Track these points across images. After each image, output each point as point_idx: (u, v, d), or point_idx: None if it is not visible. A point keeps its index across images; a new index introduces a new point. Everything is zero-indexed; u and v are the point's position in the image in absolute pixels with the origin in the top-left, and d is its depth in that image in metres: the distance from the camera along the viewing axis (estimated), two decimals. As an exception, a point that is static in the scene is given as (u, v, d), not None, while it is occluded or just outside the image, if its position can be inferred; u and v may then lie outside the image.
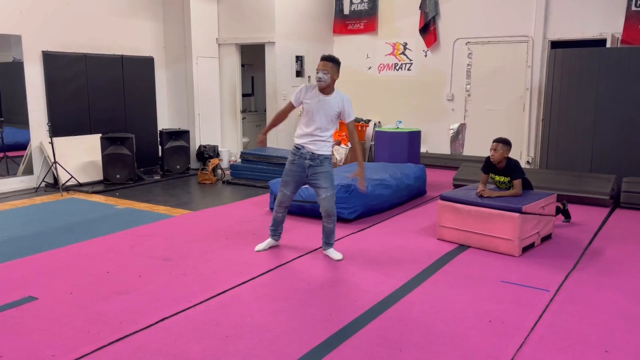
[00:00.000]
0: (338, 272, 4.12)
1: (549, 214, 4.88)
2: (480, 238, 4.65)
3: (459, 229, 4.76)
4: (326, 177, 4.26)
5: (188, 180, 8.11)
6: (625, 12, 7.61)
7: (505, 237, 4.49)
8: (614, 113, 6.72)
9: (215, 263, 4.29)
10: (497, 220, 4.53)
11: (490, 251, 4.59)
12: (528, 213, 4.51)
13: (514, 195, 4.71)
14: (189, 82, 8.86)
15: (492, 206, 4.58)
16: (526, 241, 4.56)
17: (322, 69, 4.13)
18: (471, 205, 4.70)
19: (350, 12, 9.97)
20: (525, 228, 4.51)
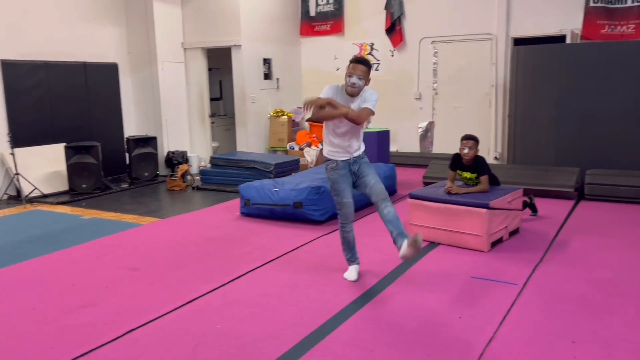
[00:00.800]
0: (310, 275, 4.10)
1: (515, 208, 4.96)
2: (450, 235, 4.69)
3: (429, 227, 4.78)
4: (370, 165, 3.83)
5: (157, 187, 7.99)
6: (584, 8, 7.80)
7: (473, 232, 4.54)
8: (576, 107, 6.87)
9: (184, 271, 4.22)
10: (466, 217, 4.57)
11: (460, 247, 4.62)
12: (495, 208, 4.56)
13: (482, 191, 4.75)
14: (155, 88, 8.73)
15: (460, 203, 4.61)
16: (494, 236, 4.62)
17: (357, 73, 3.63)
18: (440, 202, 4.73)
19: (316, 13, 9.98)
20: (493, 223, 4.56)
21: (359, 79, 3.64)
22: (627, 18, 7.56)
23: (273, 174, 7.32)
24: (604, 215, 5.71)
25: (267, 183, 5.86)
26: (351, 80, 3.65)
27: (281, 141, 9.41)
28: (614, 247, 4.62)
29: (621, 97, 6.63)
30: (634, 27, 7.53)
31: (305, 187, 5.51)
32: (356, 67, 3.64)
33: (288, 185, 5.71)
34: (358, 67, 3.64)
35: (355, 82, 3.64)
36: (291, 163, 7.87)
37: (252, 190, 5.81)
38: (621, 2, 7.59)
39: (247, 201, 5.79)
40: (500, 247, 4.66)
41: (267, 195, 5.66)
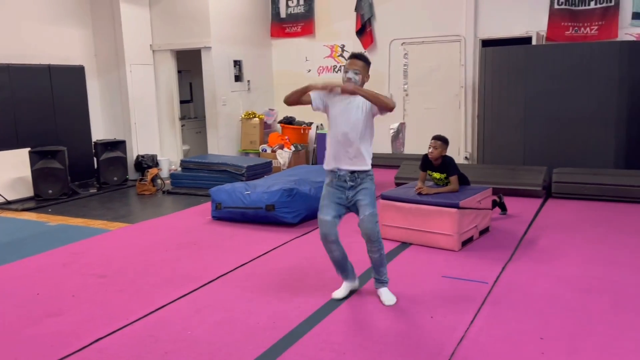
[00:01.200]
0: (281, 278, 4.07)
1: (485, 207, 5.03)
2: (421, 235, 4.72)
3: (401, 227, 4.81)
4: (366, 193, 3.47)
5: (126, 192, 7.84)
6: (549, 10, 7.97)
7: (444, 232, 4.58)
8: (542, 107, 7.01)
9: (154, 277, 4.15)
10: (436, 217, 4.61)
11: (432, 247, 4.66)
12: (465, 208, 4.61)
13: (452, 191, 4.80)
14: (123, 91, 8.58)
15: (431, 203, 4.66)
16: (465, 235, 4.67)
17: (353, 68, 3.44)
18: (411, 203, 4.76)
19: (287, 15, 9.95)
20: (464, 223, 4.60)
21: (355, 74, 3.44)
22: (590, 20, 7.76)
23: (245, 176, 7.27)
24: (571, 212, 5.83)
25: (239, 186, 5.80)
26: (347, 76, 3.46)
27: (253, 143, 9.35)
28: (581, 243, 4.72)
29: (586, 98, 6.79)
30: (596, 29, 7.73)
31: (277, 190, 5.48)
32: (353, 62, 3.48)
33: (260, 187, 5.66)
34: (355, 62, 3.48)
35: (351, 77, 3.44)
36: (263, 165, 7.82)
37: (223, 193, 5.75)
38: (584, 4, 7.78)
39: (219, 205, 5.73)
40: (471, 246, 4.71)
41: (239, 198, 5.61)
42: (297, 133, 9.55)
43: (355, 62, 3.48)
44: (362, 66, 3.48)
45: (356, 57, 3.52)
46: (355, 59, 3.51)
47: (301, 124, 9.68)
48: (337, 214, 3.54)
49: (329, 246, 3.58)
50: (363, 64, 3.49)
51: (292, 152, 9.10)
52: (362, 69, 3.47)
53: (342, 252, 3.63)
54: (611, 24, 7.62)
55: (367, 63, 3.53)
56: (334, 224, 3.53)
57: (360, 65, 3.48)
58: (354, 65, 3.47)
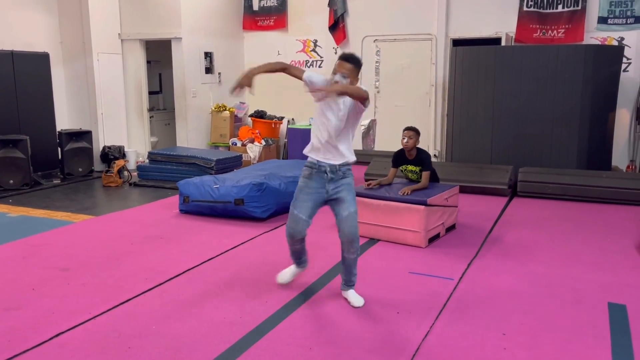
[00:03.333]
0: (250, 273, 4.05)
1: (452, 205, 5.10)
2: (389, 231, 4.76)
3: (369, 223, 4.81)
4: (348, 189, 3.38)
5: (92, 183, 7.66)
6: (518, 12, 8.12)
7: (411, 229, 4.63)
8: (510, 107, 7.14)
9: (118, 271, 4.07)
10: (404, 213, 4.65)
11: (399, 243, 4.70)
12: (433, 205, 4.67)
13: (422, 188, 4.87)
14: (90, 80, 8.36)
15: (399, 200, 4.69)
16: (432, 232, 4.73)
17: (341, 71, 3.26)
18: (379, 199, 4.79)
19: (259, 8, 9.87)
20: (431, 220, 4.66)
21: (342, 77, 3.25)
22: (558, 23, 7.93)
23: (214, 170, 7.19)
24: (535, 211, 5.97)
25: (208, 179, 5.74)
26: (334, 79, 3.27)
27: (223, 137, 9.25)
28: (544, 241, 4.84)
29: (551, 100, 6.95)
30: (563, 32, 7.91)
31: (247, 184, 5.43)
32: (342, 65, 3.28)
33: (229, 181, 5.61)
34: (343, 64, 3.28)
35: (337, 80, 3.25)
36: (233, 159, 7.75)
37: (191, 186, 5.67)
38: (552, 8, 7.95)
39: (186, 198, 5.65)
40: (438, 243, 4.78)
41: (208, 192, 5.54)
42: (268, 127, 9.50)
43: (343, 65, 3.28)
44: (351, 69, 3.28)
45: (345, 60, 3.30)
46: (345, 61, 3.29)
47: (272, 118, 9.63)
48: (312, 215, 3.45)
49: (294, 242, 3.53)
50: (352, 67, 3.28)
51: (263, 147, 9.05)
52: (350, 72, 3.27)
53: (304, 246, 3.62)
54: (577, 28, 7.81)
55: (358, 66, 3.32)
56: (306, 224, 3.45)
57: (349, 68, 3.27)
58: (342, 68, 3.28)
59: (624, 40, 7.64)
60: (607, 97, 7.12)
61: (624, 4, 7.57)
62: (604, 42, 7.71)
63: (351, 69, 3.28)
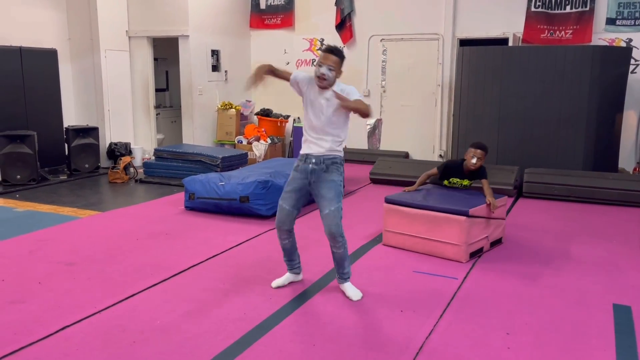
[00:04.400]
0: (254, 270, 4.06)
1: (499, 217, 4.62)
2: (427, 243, 4.35)
3: (405, 234, 4.45)
4: (330, 186, 3.40)
5: (98, 179, 7.70)
6: (526, 13, 8.09)
7: (451, 242, 4.21)
8: (516, 108, 7.12)
9: (123, 266, 4.09)
10: (444, 224, 4.23)
11: (438, 257, 4.29)
12: (475, 216, 4.23)
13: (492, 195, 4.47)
14: (97, 77, 8.40)
15: (438, 209, 4.28)
16: (474, 246, 4.29)
17: (328, 64, 3.32)
18: (417, 208, 4.39)
19: (266, 6, 9.88)
20: (473, 232, 4.22)
21: (329, 70, 3.32)
22: (566, 24, 7.90)
23: (219, 167, 7.21)
24: (540, 212, 5.95)
25: (213, 177, 5.75)
26: (320, 71, 3.32)
27: (229, 135, 9.27)
28: (550, 242, 4.83)
29: (558, 101, 6.92)
30: (571, 33, 7.88)
31: (252, 181, 5.45)
32: (327, 57, 3.34)
33: (234, 179, 5.62)
34: (329, 57, 3.33)
35: (324, 72, 3.31)
36: (239, 157, 7.77)
37: (197, 183, 5.69)
38: (560, 8, 7.92)
39: (192, 195, 5.67)
40: (442, 242, 4.74)
41: (213, 189, 5.56)
42: (273, 125, 9.51)
43: (329, 57, 3.35)
44: (336, 62, 3.36)
45: (331, 52, 3.37)
46: (330, 53, 3.36)
47: (278, 116, 9.64)
48: (297, 205, 3.54)
49: (281, 234, 3.60)
50: (337, 60, 3.36)
51: (269, 145, 9.07)
52: (335, 65, 3.35)
53: (293, 243, 3.67)
54: (585, 29, 7.78)
55: (342, 58, 3.40)
56: (291, 214, 3.53)
57: (334, 60, 3.35)
58: (328, 60, 3.34)
59: (632, 42, 7.60)
60: (614, 98, 7.09)
61: (632, 5, 7.53)
62: (612, 43, 7.68)
63: (336, 61, 3.36)
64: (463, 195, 4.59)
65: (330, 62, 3.34)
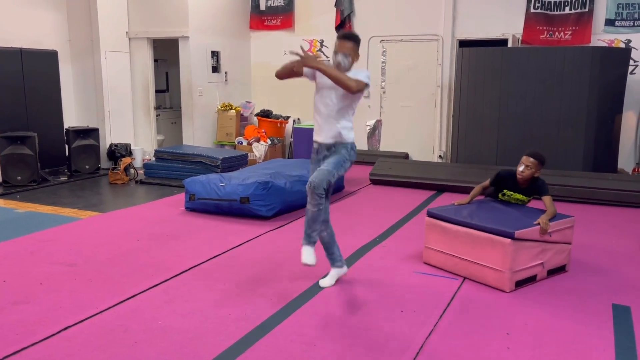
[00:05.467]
0: (255, 270, 4.07)
1: (561, 241, 3.96)
2: (469, 266, 3.89)
3: (445, 253, 4.04)
4: (335, 157, 3.40)
5: (98, 180, 7.71)
6: (525, 14, 8.11)
7: (493, 266, 3.72)
8: (516, 108, 7.14)
9: (124, 267, 4.10)
10: (486, 246, 3.74)
11: (480, 283, 3.82)
12: (523, 239, 3.69)
13: (553, 215, 3.92)
14: (98, 78, 8.41)
15: (482, 228, 3.79)
16: (522, 274, 3.74)
17: (343, 51, 3.34)
18: (459, 225, 3.94)
19: (266, 7, 9.90)
20: (521, 257, 3.69)
21: (345, 57, 3.34)
22: (565, 25, 7.92)
23: (220, 168, 7.22)
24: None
25: (214, 178, 5.77)
26: (337, 58, 3.35)
27: (229, 136, 9.29)
28: (548, 243, 4.83)
29: (558, 101, 6.94)
30: (570, 34, 7.90)
31: (252, 182, 5.46)
32: (342, 44, 3.36)
33: (235, 180, 5.64)
34: (344, 43, 3.36)
35: (340, 60, 3.34)
36: (239, 158, 7.78)
37: (197, 184, 5.71)
38: (559, 10, 7.94)
39: (192, 196, 5.68)
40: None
41: (214, 190, 5.57)
42: (273, 126, 9.52)
43: (344, 44, 3.36)
44: (352, 47, 3.38)
45: (346, 38, 3.39)
46: (345, 39, 3.38)
47: (278, 117, 9.65)
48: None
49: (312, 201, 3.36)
50: (352, 45, 3.38)
51: (269, 146, 9.08)
52: (351, 51, 3.37)
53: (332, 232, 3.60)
54: (585, 30, 7.80)
55: (357, 42, 3.41)
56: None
57: (350, 46, 3.37)
58: (343, 47, 3.36)
59: (631, 43, 7.63)
60: (613, 99, 7.11)
61: (631, 6, 7.55)
62: (611, 44, 7.70)
63: (352, 46, 3.38)
64: (517, 213, 4.02)
65: (345, 49, 3.36)
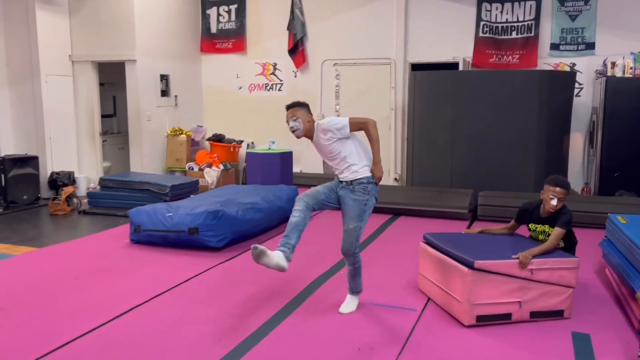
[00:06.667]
0: (203, 307, 3.80)
1: (551, 282, 3.54)
2: (440, 294, 3.74)
3: (431, 280, 3.88)
4: (354, 205, 3.55)
5: (38, 212, 7.25)
6: (474, 38, 8.25)
7: (456, 296, 3.53)
8: (468, 131, 7.17)
9: (59, 309, 3.76)
10: (452, 273, 3.57)
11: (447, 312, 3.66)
12: (485, 271, 3.40)
13: (547, 251, 3.59)
14: (38, 103, 7.98)
15: (450, 254, 3.63)
16: (486, 309, 3.44)
17: (292, 117, 3.60)
18: (438, 250, 3.80)
19: (217, 30, 9.72)
20: (484, 290, 3.41)
21: (295, 122, 3.60)
22: (512, 49, 8.09)
23: (169, 196, 6.91)
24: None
25: (160, 207, 5.47)
26: (289, 126, 3.62)
27: (179, 161, 8.97)
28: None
29: (508, 123, 7.02)
30: (518, 58, 8.06)
31: (201, 212, 5.20)
32: (290, 112, 3.63)
33: (183, 209, 5.36)
34: (291, 111, 3.63)
35: (293, 125, 3.60)
36: (189, 184, 7.50)
37: (143, 215, 5.39)
38: (506, 34, 8.12)
39: (137, 227, 5.36)
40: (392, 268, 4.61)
41: (160, 220, 5.27)
42: (226, 151, 9.28)
43: (292, 112, 3.62)
44: (299, 111, 3.62)
45: (290, 107, 3.66)
46: (290, 108, 3.65)
47: (231, 141, 9.42)
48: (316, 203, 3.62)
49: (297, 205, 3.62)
50: (299, 108, 3.63)
51: (221, 171, 8.82)
52: (300, 114, 3.61)
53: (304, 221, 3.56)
54: (531, 54, 7.98)
55: (304, 106, 3.67)
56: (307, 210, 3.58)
57: (298, 111, 3.61)
58: (291, 114, 3.62)
59: (575, 66, 7.85)
60: (561, 121, 7.26)
61: (574, 31, 7.79)
62: (557, 67, 7.90)
63: (296, 110, 3.62)
64: (510, 243, 3.77)
65: (292, 114, 3.62)
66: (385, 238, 5.77)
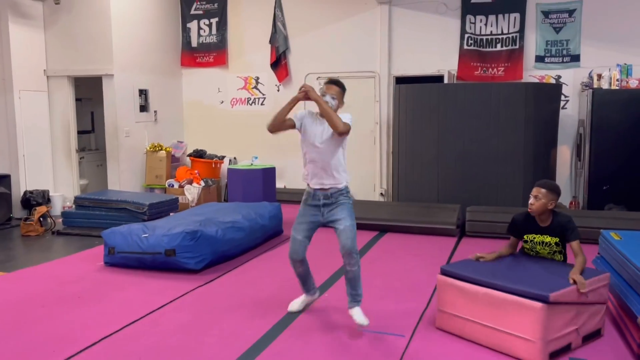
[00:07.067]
0: (178, 338, 3.56)
1: (596, 301, 3.38)
2: (491, 333, 3.32)
3: (464, 318, 3.47)
4: (343, 207, 3.66)
5: (9, 233, 6.93)
6: (459, 50, 8.16)
7: (522, 335, 3.16)
8: (454, 145, 7.03)
9: (23, 340, 3.49)
10: (512, 311, 3.19)
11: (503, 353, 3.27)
12: (559, 303, 3.13)
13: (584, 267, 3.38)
14: (10, 119, 7.69)
15: (508, 289, 3.24)
16: (556, 343, 3.17)
17: (331, 93, 3.67)
18: (480, 285, 3.38)
19: (198, 44, 9.53)
20: (555, 324, 3.14)
21: (332, 99, 3.65)
22: (497, 61, 8.01)
23: (147, 215, 6.64)
24: (485, 251, 5.75)
25: (136, 228, 5.21)
26: (325, 99, 3.61)
27: (159, 178, 8.70)
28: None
29: (495, 137, 6.88)
30: (503, 70, 7.98)
31: (179, 232, 4.95)
32: (330, 87, 3.69)
33: (160, 229, 5.11)
34: (332, 87, 3.69)
35: (328, 100, 3.61)
36: (169, 202, 7.23)
37: (117, 236, 5.14)
38: (491, 46, 8.04)
39: (112, 249, 5.10)
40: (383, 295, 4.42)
41: (135, 241, 5.02)
42: (208, 167, 9.03)
43: (331, 87, 3.69)
44: (338, 92, 3.71)
45: (333, 83, 3.73)
46: (333, 84, 3.72)
47: (212, 157, 9.18)
48: (308, 235, 3.73)
49: (294, 264, 3.76)
50: (339, 90, 3.71)
51: (202, 188, 8.57)
52: (338, 95, 3.70)
53: (307, 270, 3.81)
54: (516, 66, 7.90)
55: (343, 89, 3.75)
56: (303, 244, 3.70)
57: (337, 90, 3.70)
58: (331, 90, 3.69)
59: (561, 78, 7.78)
60: (548, 134, 7.16)
61: (559, 43, 7.73)
62: (542, 80, 7.82)
63: (338, 91, 3.72)
64: (547, 269, 3.48)
65: (332, 91, 3.68)
66: (372, 257, 5.57)
